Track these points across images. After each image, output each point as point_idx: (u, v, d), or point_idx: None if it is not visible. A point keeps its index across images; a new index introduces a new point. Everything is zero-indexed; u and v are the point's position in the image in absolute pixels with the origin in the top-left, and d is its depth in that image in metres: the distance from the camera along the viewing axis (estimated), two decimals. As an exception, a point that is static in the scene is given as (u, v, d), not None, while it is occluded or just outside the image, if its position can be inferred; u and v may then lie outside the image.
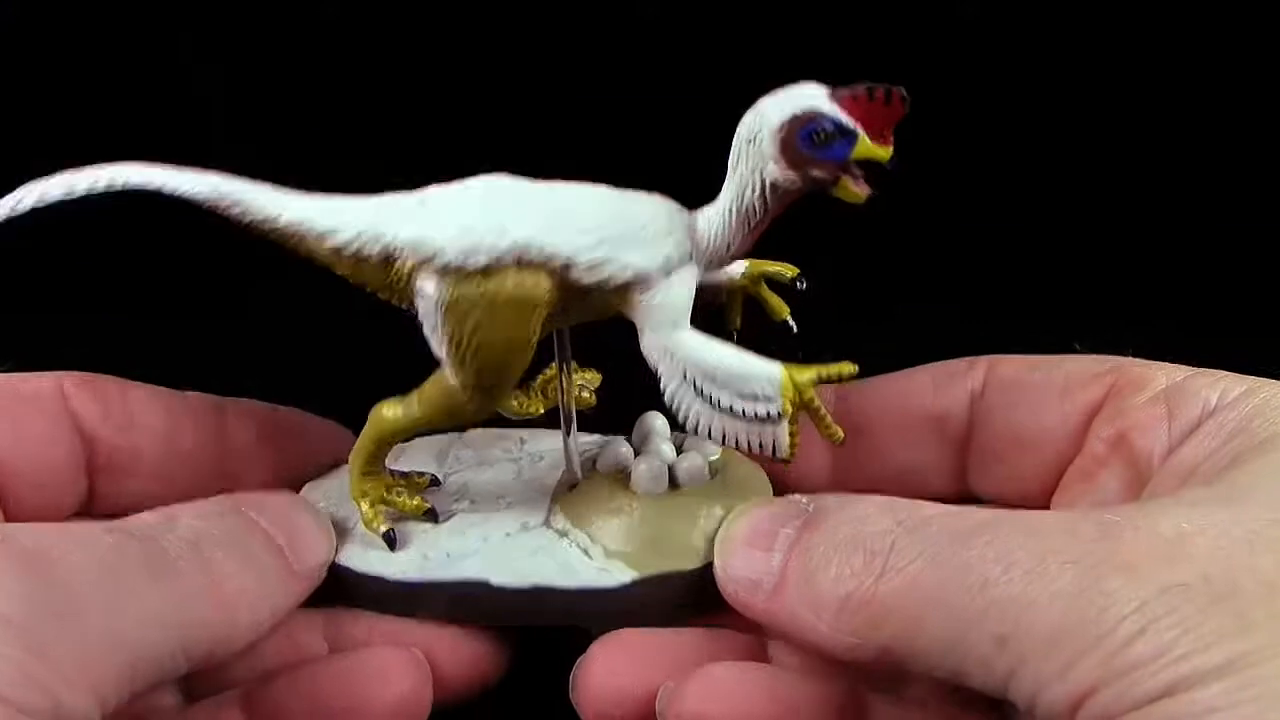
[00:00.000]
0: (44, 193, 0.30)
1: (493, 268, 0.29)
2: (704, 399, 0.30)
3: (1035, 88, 0.45)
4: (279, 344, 0.44)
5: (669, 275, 0.30)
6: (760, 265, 0.34)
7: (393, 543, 0.32)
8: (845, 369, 0.30)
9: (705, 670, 0.29)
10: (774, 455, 0.31)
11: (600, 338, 0.34)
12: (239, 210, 0.30)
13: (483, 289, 0.29)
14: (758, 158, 0.29)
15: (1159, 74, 0.45)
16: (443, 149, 0.32)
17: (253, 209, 0.30)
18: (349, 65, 0.44)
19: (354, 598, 0.32)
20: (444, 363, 0.30)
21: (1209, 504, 0.25)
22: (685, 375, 0.30)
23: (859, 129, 0.28)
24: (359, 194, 0.31)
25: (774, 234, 0.33)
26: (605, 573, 0.31)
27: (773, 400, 0.30)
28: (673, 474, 0.33)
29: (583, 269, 0.29)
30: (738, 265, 0.34)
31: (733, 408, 0.30)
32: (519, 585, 0.31)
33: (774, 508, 0.30)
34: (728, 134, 0.31)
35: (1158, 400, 0.30)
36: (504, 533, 0.32)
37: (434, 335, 0.30)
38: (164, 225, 0.44)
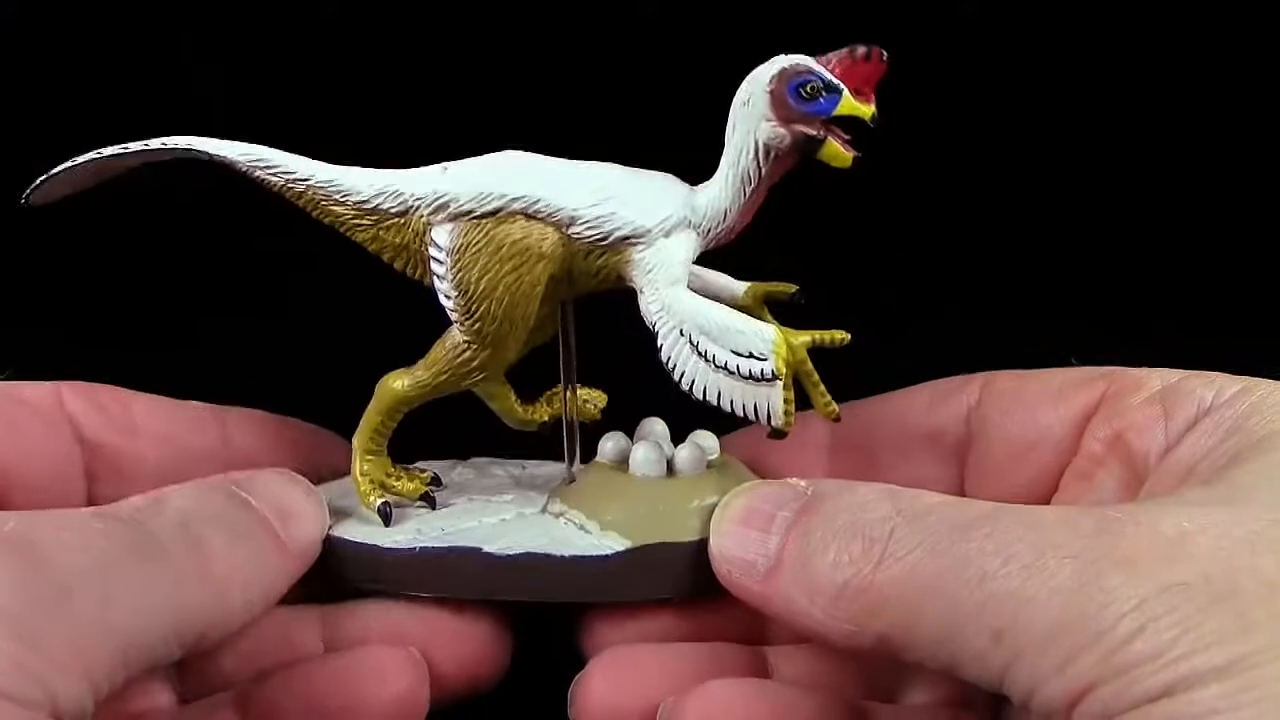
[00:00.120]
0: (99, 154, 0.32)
1: (502, 214, 0.31)
2: (700, 355, 0.31)
3: (1035, 88, 0.45)
4: (281, 353, 0.44)
5: (668, 236, 0.32)
6: (761, 287, 0.35)
7: (387, 517, 0.32)
8: (838, 335, 0.31)
9: (705, 687, 0.29)
10: (769, 422, 0.31)
11: (606, 356, 0.35)
12: (273, 170, 0.33)
13: (491, 234, 0.31)
14: (752, 119, 0.31)
15: (1158, 74, 0.45)
16: (443, 149, 0.32)
17: (286, 167, 0.33)
18: (349, 65, 0.44)
19: (347, 571, 0.32)
20: (452, 316, 0.32)
21: (1210, 503, 0.25)
22: (682, 331, 0.31)
23: (843, 86, 0.30)
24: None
25: (774, 237, 0.33)
26: (600, 545, 0.31)
27: (766, 359, 0.30)
28: (671, 464, 0.33)
29: (584, 224, 0.31)
30: (739, 287, 0.35)
31: (727, 364, 0.31)
32: (512, 552, 0.31)
33: (772, 489, 0.29)
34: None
35: (1153, 400, 0.30)
36: (500, 518, 0.33)
37: (444, 285, 0.31)
38: (164, 233, 0.44)
